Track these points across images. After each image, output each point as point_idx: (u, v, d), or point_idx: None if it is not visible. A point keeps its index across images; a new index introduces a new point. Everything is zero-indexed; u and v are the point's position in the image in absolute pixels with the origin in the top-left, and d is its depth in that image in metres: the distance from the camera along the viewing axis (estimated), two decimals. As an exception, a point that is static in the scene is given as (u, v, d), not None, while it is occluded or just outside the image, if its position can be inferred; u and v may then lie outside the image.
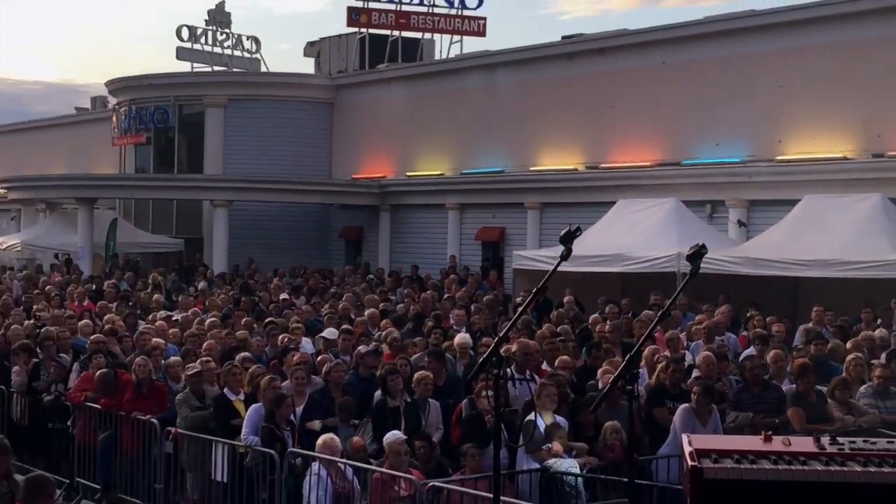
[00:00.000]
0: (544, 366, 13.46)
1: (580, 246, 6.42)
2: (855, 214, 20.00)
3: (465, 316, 18.99)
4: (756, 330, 16.07)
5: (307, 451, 10.94)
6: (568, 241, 6.36)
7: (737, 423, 11.55)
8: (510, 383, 11.23)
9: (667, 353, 13.66)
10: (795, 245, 19.82)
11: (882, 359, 13.36)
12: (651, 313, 16.89)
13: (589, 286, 21.08)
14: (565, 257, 6.28)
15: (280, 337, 15.79)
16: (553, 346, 14.14)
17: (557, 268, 6.48)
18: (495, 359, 6.17)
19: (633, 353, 6.57)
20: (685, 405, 11.35)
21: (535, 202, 29.27)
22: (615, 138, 28.40)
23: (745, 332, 17.18)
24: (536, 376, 12.42)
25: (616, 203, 24.48)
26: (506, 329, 7.35)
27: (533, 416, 10.75)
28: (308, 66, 42.12)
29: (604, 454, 10.84)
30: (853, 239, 19.24)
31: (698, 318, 17.23)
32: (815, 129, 24.05)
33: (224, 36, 40.89)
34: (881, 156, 22.91)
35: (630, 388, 6.51)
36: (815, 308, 17.65)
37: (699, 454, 5.16)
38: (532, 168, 30.47)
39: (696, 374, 12.77)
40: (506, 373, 6.35)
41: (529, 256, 24.05)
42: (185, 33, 40.00)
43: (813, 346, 14.35)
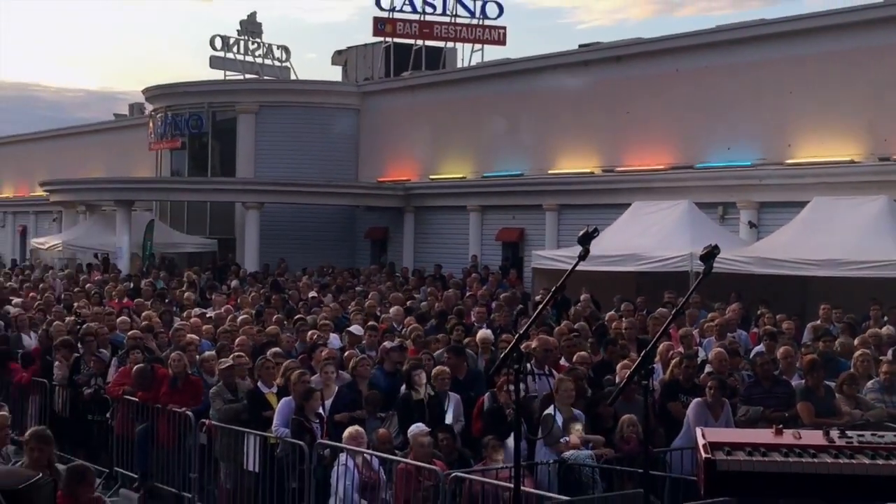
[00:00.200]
0: (562, 361, 13.44)
1: (596, 246, 6.40)
2: (862, 216, 19.90)
3: (486, 313, 19.02)
4: (766, 327, 16.00)
5: (335, 443, 10.96)
6: (585, 241, 6.34)
7: (748, 417, 11.52)
8: (530, 378, 11.29)
9: (680, 350, 13.63)
10: (804, 245, 19.73)
11: (889, 355, 13.35)
12: (665, 311, 16.84)
13: (604, 285, 21.01)
14: (583, 257, 6.26)
15: (309, 333, 15.83)
16: (571, 343, 14.11)
17: (575, 267, 6.46)
18: (516, 354, 6.16)
19: (648, 349, 6.55)
20: (698, 399, 11.33)
21: (553, 204, 29.22)
22: (630, 143, 28.33)
23: (755, 329, 17.10)
24: (555, 371, 12.41)
25: (631, 205, 24.45)
26: (526, 326, 7.33)
27: (551, 409, 10.77)
28: (336, 74, 42.20)
29: (620, 446, 10.82)
30: (860, 239, 19.14)
31: (711, 316, 17.15)
32: (824, 134, 23.94)
33: (255, 45, 40.94)
34: (887, 159, 22.77)
35: (645, 383, 6.50)
36: (823, 306, 17.56)
37: (713, 447, 5.13)
38: (550, 171, 30.41)
39: (708, 369, 12.75)
40: (526, 368, 6.35)
41: (548, 256, 24.00)
42: (218, 43, 40.10)
43: (821, 343, 14.29)
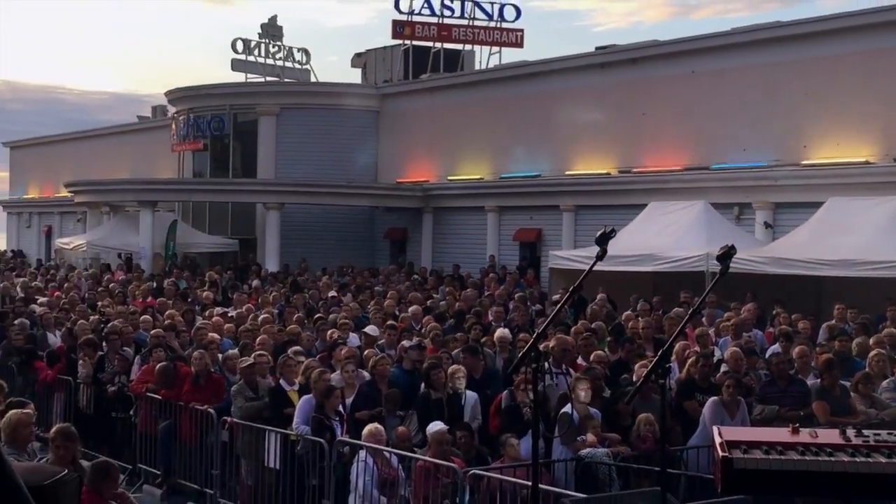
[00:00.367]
0: (579, 360, 13.41)
1: (613, 246, 6.37)
2: (877, 216, 19.80)
3: (504, 312, 18.99)
4: (782, 327, 15.92)
5: (355, 440, 10.96)
6: (603, 242, 6.32)
7: (763, 416, 11.47)
8: (547, 377, 11.25)
9: (696, 349, 13.58)
10: (820, 245, 19.64)
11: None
12: (681, 311, 16.80)
13: (621, 285, 20.95)
14: (601, 257, 6.23)
15: (329, 332, 15.83)
16: (588, 342, 14.08)
17: (593, 267, 6.43)
18: (534, 354, 6.14)
19: (664, 348, 6.51)
20: (714, 398, 11.29)
21: (571, 205, 29.18)
22: (647, 144, 28.24)
23: (771, 329, 17.03)
24: (572, 370, 12.38)
25: (647, 205, 24.44)
26: (544, 325, 7.30)
27: (568, 408, 10.74)
28: (355, 77, 42.24)
29: (637, 444, 10.79)
30: (875, 240, 19.05)
31: (726, 316, 17.09)
32: (839, 135, 23.81)
33: (276, 48, 41.02)
34: (902, 160, 22.66)
35: (662, 382, 6.46)
36: (838, 306, 17.46)
37: (730, 445, 5.11)
38: (567, 172, 30.34)
39: (724, 368, 12.70)
40: (543, 367, 6.32)
41: (565, 256, 23.98)
42: (239, 46, 40.19)
43: (837, 343, 14.23)
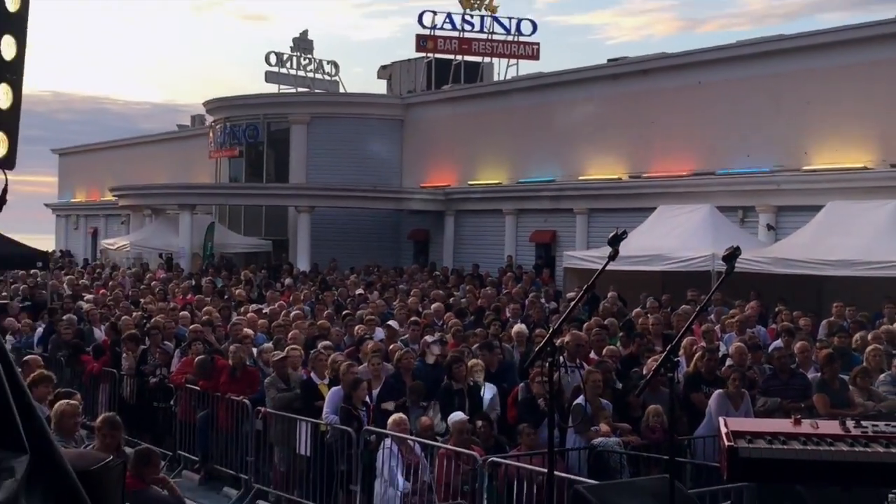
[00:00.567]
0: (592, 354, 13.39)
1: (624, 247, 6.36)
2: (875, 219, 19.70)
3: (520, 309, 18.98)
4: (784, 323, 15.85)
5: (381, 429, 10.98)
6: (615, 243, 6.30)
7: (766, 408, 11.42)
8: (562, 370, 11.24)
9: (703, 344, 13.53)
10: (820, 247, 19.55)
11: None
12: (688, 308, 16.75)
13: (631, 283, 20.91)
14: (613, 258, 6.23)
15: (356, 327, 15.86)
16: (600, 337, 14.07)
17: (605, 267, 6.42)
18: (549, 348, 6.13)
19: (673, 343, 6.51)
20: (719, 391, 11.25)
21: (584, 208, 29.12)
22: (656, 150, 28.16)
23: (773, 326, 16.96)
24: (585, 364, 12.36)
25: (656, 209, 24.38)
26: (559, 322, 7.30)
27: (581, 399, 10.74)
28: (381, 87, 42.23)
29: (646, 434, 10.76)
30: (873, 241, 18.95)
31: (731, 313, 17.04)
32: (838, 142, 23.68)
33: (307, 61, 41.07)
34: (899, 166, 22.53)
35: (671, 375, 6.45)
36: (836, 304, 17.40)
37: (735, 435, 5.10)
38: (581, 177, 30.27)
39: (729, 362, 12.66)
40: (558, 361, 6.31)
41: (578, 256, 23.96)
42: (272, 59, 40.27)
43: (836, 338, 14.18)
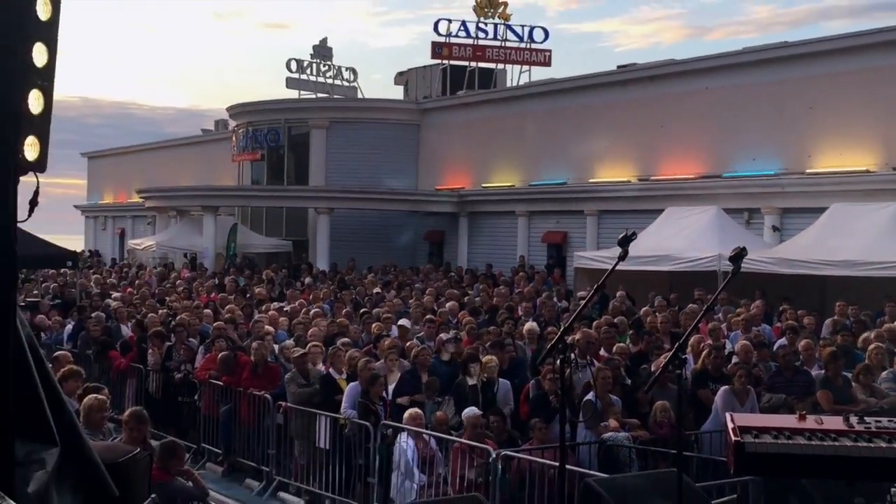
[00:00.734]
0: (602, 352, 13.36)
1: (633, 248, 6.34)
2: (877, 221, 19.58)
3: (532, 308, 18.95)
4: (788, 322, 15.78)
5: (397, 423, 10.98)
6: (625, 243, 6.28)
7: (770, 404, 11.38)
8: (572, 367, 11.21)
9: (709, 342, 13.50)
10: (823, 247, 19.45)
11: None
12: (695, 307, 16.70)
13: (640, 283, 20.87)
14: (623, 258, 6.20)
15: (374, 325, 15.86)
16: (609, 335, 14.04)
17: (616, 267, 6.40)
18: (561, 346, 6.11)
19: (681, 341, 6.47)
20: (726, 387, 11.20)
21: (594, 210, 29.06)
22: (664, 154, 28.09)
23: (778, 324, 16.87)
24: (595, 361, 12.34)
25: (664, 211, 24.28)
26: (570, 320, 7.27)
27: (592, 395, 10.71)
28: (398, 93, 42.29)
29: (654, 429, 10.73)
30: (875, 242, 18.84)
31: (737, 311, 16.99)
32: (841, 146, 23.58)
33: (326, 67, 41.15)
34: (900, 169, 22.42)
35: (678, 372, 6.42)
36: (839, 303, 17.32)
37: (741, 430, 5.08)
38: (591, 180, 30.22)
39: (735, 360, 12.61)
40: (569, 358, 6.29)
41: (589, 257, 23.90)
42: (293, 65, 40.37)
43: (839, 337, 14.11)
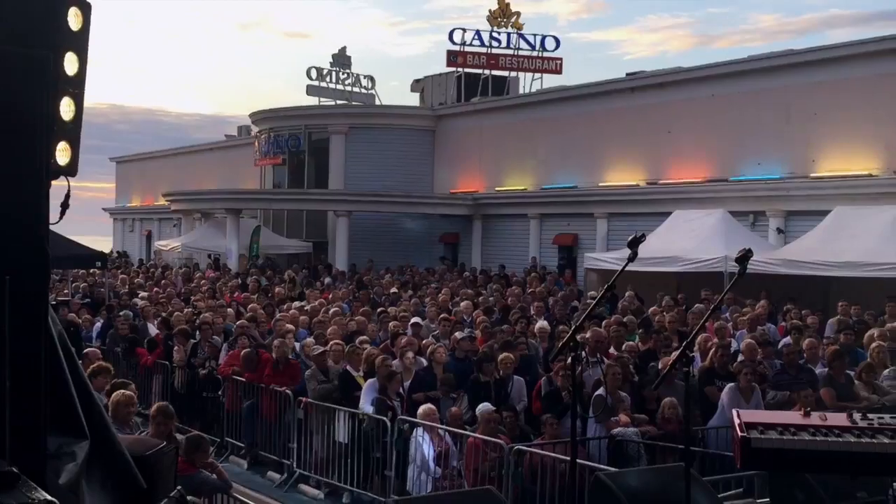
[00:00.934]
0: (611, 350, 13.34)
1: (641, 249, 6.32)
2: (879, 223, 19.50)
3: (544, 307, 18.93)
4: (793, 321, 15.74)
5: (413, 419, 10.99)
6: (634, 245, 6.27)
7: (775, 401, 11.34)
8: (583, 364, 11.20)
9: (716, 340, 13.46)
10: (827, 249, 19.38)
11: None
12: (702, 306, 16.67)
13: (648, 283, 20.84)
14: (632, 259, 6.19)
15: (391, 324, 15.87)
16: (619, 333, 14.02)
17: (625, 268, 6.39)
18: (572, 344, 6.11)
19: (688, 340, 6.46)
20: (731, 384, 11.19)
21: (604, 213, 29.01)
22: (671, 159, 28.02)
23: (783, 323, 16.83)
24: (605, 359, 12.32)
25: (672, 213, 24.24)
26: (581, 319, 7.27)
27: (602, 391, 10.70)
28: (414, 100, 42.25)
29: (662, 425, 10.71)
30: (877, 244, 18.77)
31: (743, 311, 16.94)
32: (845, 150, 23.47)
33: (345, 75, 41.20)
34: (902, 173, 22.32)
35: (686, 370, 6.40)
36: (841, 303, 17.30)
37: (747, 426, 5.07)
38: (601, 184, 30.17)
39: (740, 358, 12.58)
40: (580, 355, 6.28)
41: (598, 258, 23.91)
42: (313, 73, 40.43)
43: (843, 336, 14.07)
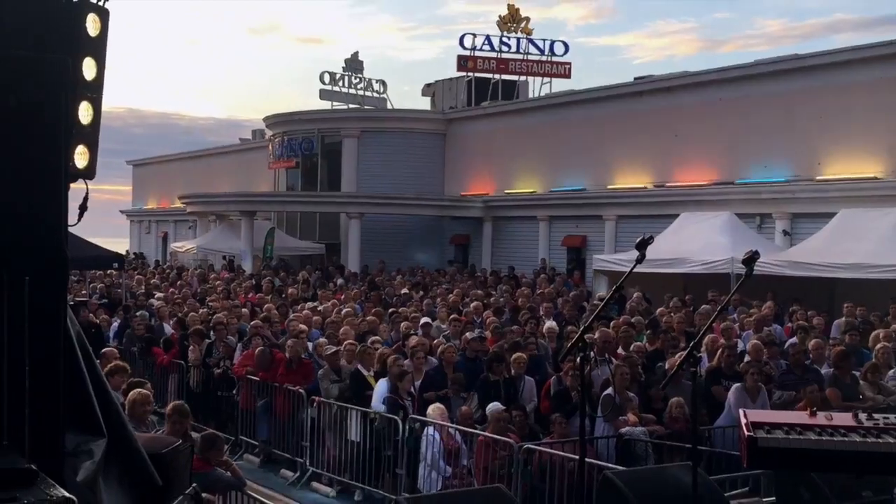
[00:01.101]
0: (620, 350, 13.31)
1: (649, 251, 6.31)
2: (884, 226, 19.42)
3: (553, 308, 18.91)
4: (799, 322, 15.70)
5: (424, 418, 10.99)
6: (642, 247, 6.25)
7: (781, 401, 11.31)
8: (592, 364, 11.18)
9: (722, 341, 13.42)
10: (832, 251, 19.31)
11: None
12: (709, 307, 16.63)
13: (655, 284, 20.80)
14: (640, 261, 6.18)
15: (402, 324, 15.87)
16: (627, 334, 14.00)
17: (633, 269, 6.38)
18: (581, 344, 6.10)
19: (695, 341, 6.44)
20: (738, 384, 11.16)
21: (612, 215, 28.98)
22: (679, 161, 27.96)
23: (789, 324, 16.79)
24: (613, 359, 12.29)
25: (679, 216, 24.21)
26: (589, 319, 7.25)
27: (610, 391, 10.67)
28: (425, 104, 42.25)
29: (670, 424, 10.68)
30: (882, 246, 18.69)
31: (749, 312, 16.88)
32: (849, 154, 23.38)
33: (357, 80, 41.24)
34: (907, 176, 22.21)
35: (693, 370, 6.39)
36: (846, 304, 17.25)
37: (754, 426, 5.04)
38: (609, 187, 30.13)
39: (747, 358, 12.53)
40: (589, 355, 6.27)
41: (607, 260, 23.88)
42: (326, 78, 40.48)
43: (848, 336, 14.02)
